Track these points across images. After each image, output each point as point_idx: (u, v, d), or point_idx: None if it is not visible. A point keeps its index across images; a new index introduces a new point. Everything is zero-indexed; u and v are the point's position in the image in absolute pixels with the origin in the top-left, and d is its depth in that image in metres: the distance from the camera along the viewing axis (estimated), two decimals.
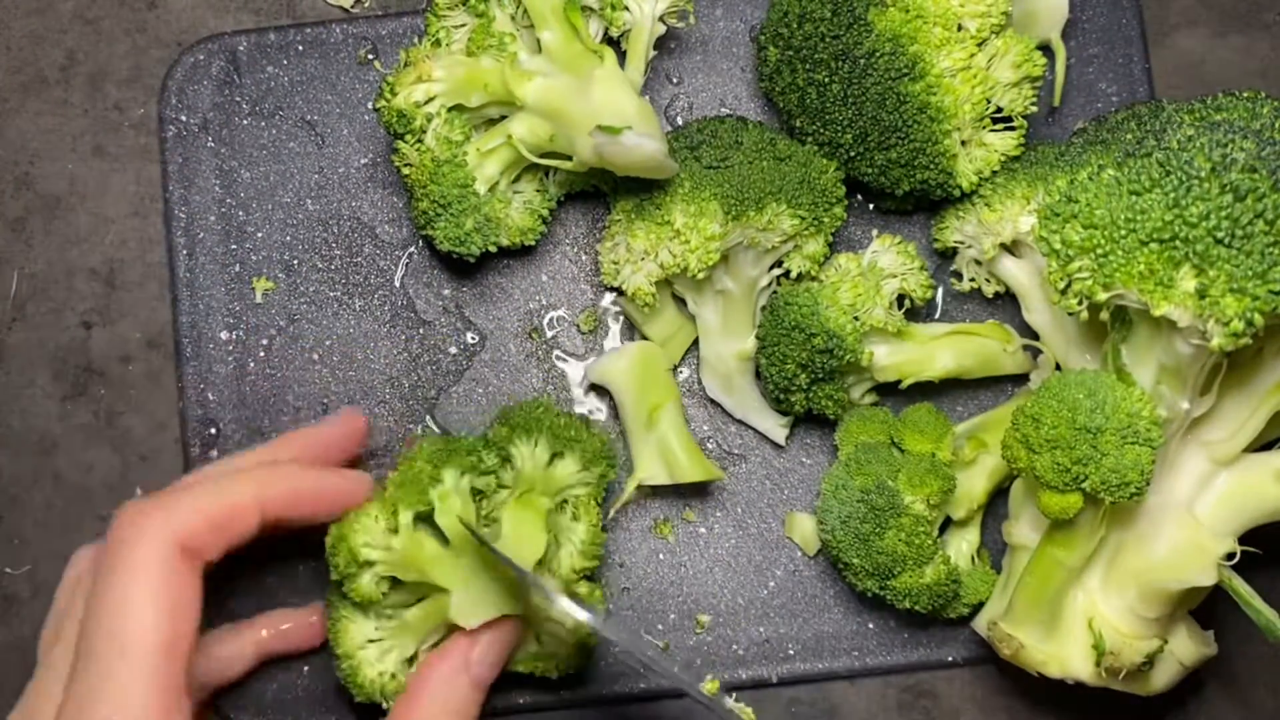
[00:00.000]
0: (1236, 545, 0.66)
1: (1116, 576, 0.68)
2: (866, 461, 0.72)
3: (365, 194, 0.79)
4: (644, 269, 0.73)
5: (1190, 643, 0.69)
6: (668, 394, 0.76)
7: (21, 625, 0.78)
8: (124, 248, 0.80)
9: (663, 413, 0.75)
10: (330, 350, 0.78)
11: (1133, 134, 0.69)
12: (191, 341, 0.78)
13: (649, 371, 0.76)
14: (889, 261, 0.74)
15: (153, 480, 0.78)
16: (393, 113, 0.72)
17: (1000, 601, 0.72)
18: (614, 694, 0.76)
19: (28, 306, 0.79)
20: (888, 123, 0.71)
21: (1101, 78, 0.80)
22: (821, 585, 0.77)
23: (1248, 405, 0.66)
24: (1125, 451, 0.62)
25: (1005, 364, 0.76)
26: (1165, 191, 0.59)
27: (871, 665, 0.77)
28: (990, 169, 0.73)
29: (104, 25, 0.81)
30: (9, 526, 0.78)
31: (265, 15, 0.81)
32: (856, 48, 0.70)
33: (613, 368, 0.76)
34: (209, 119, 0.79)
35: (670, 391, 0.76)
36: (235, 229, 0.79)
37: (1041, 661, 0.68)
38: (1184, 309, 0.58)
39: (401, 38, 0.80)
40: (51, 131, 0.80)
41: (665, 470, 0.75)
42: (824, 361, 0.71)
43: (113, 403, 0.79)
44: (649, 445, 0.75)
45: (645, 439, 0.75)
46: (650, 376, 0.76)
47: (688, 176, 0.72)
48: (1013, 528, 0.72)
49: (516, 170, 0.74)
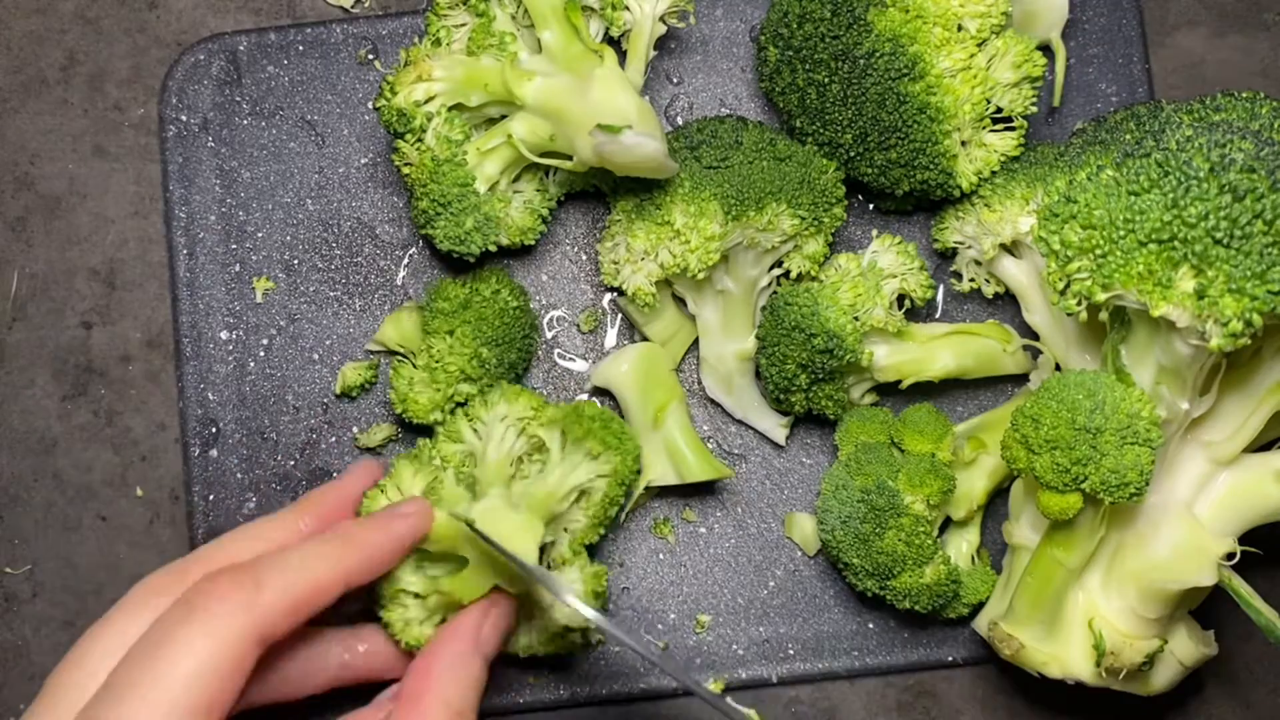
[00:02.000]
0: (1236, 545, 0.66)
1: (1117, 577, 0.68)
2: (866, 461, 0.72)
3: (365, 194, 0.79)
4: (644, 269, 0.73)
5: (1190, 643, 0.69)
6: (672, 394, 0.76)
7: (22, 625, 0.78)
8: (124, 248, 0.80)
9: (668, 413, 0.75)
10: (330, 350, 0.78)
11: (1132, 134, 0.69)
12: (192, 341, 0.78)
13: (652, 372, 0.76)
14: (889, 261, 0.74)
15: (153, 480, 0.78)
16: (393, 112, 0.72)
17: (1000, 602, 0.72)
18: (614, 694, 0.76)
19: (28, 306, 0.79)
20: (888, 123, 0.71)
21: (1101, 78, 0.80)
22: (821, 585, 0.77)
23: (1247, 405, 0.66)
24: (1125, 452, 0.62)
25: (1005, 364, 0.76)
26: (1164, 192, 0.59)
27: (871, 665, 0.77)
28: (990, 169, 0.73)
29: (104, 25, 0.81)
30: (9, 526, 0.78)
31: (265, 15, 0.81)
32: (856, 48, 0.70)
33: (616, 370, 0.76)
34: (209, 119, 0.79)
35: (674, 391, 0.76)
36: (235, 229, 0.79)
37: (1042, 662, 0.68)
38: (1183, 309, 0.58)
39: (402, 37, 0.80)
40: (51, 131, 0.80)
41: (674, 470, 0.75)
42: (824, 362, 0.71)
43: (113, 403, 0.79)
44: (656, 446, 0.75)
45: (651, 440, 0.75)
46: (654, 377, 0.76)
47: (688, 176, 0.72)
48: (1013, 528, 0.72)
49: (516, 170, 0.74)
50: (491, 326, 0.74)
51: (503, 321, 0.74)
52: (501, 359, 0.74)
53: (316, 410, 0.78)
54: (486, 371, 0.74)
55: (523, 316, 0.75)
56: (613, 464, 0.68)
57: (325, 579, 0.60)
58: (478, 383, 0.74)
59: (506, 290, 0.75)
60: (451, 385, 0.74)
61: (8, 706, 0.77)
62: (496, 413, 0.70)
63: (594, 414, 0.69)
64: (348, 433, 0.78)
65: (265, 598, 0.58)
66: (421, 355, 0.74)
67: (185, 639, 0.55)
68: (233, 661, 0.56)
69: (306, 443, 0.78)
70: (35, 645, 0.77)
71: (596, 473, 0.68)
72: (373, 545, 0.63)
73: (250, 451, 0.77)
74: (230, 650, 0.56)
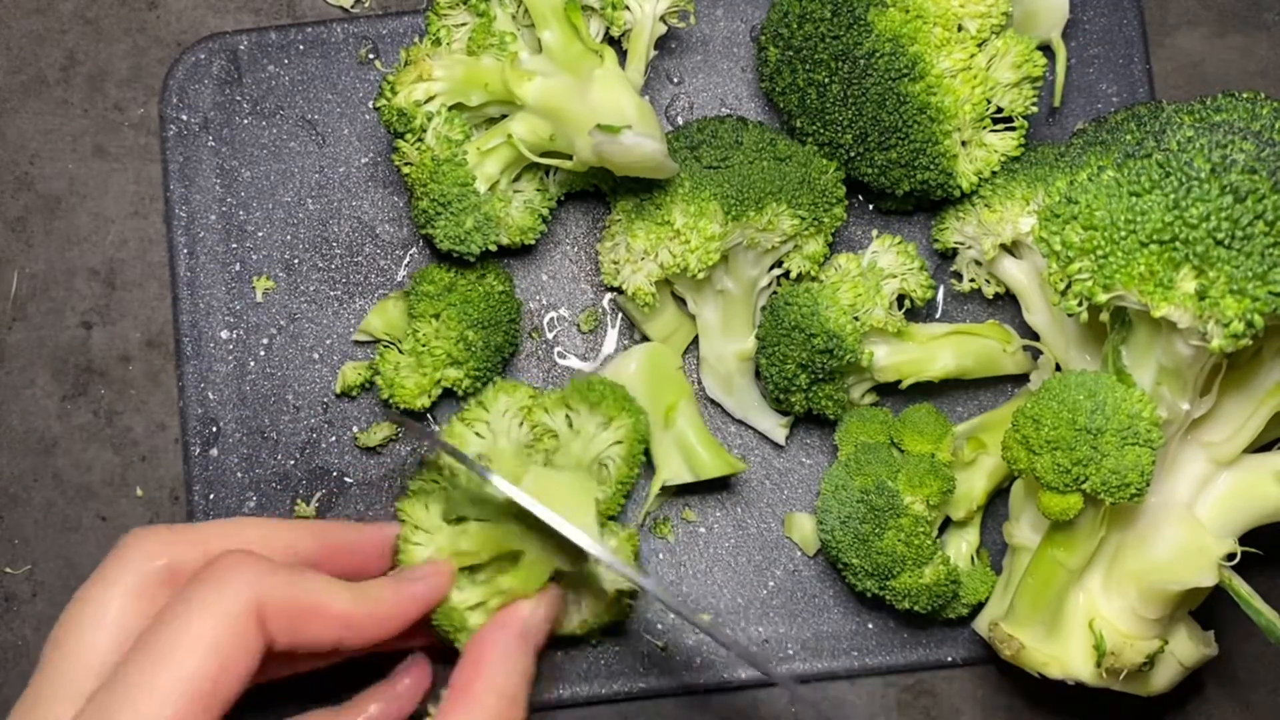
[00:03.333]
0: (1237, 546, 0.66)
1: (1117, 577, 0.68)
2: (866, 462, 0.72)
3: (366, 193, 0.79)
4: (644, 269, 0.73)
5: (1190, 643, 0.69)
6: (681, 391, 0.76)
7: (22, 625, 0.78)
8: (124, 248, 0.80)
9: (678, 412, 0.75)
10: (330, 349, 0.78)
11: (1132, 135, 0.69)
12: (192, 340, 0.78)
13: (659, 372, 0.76)
14: (889, 261, 0.74)
15: (153, 480, 0.78)
16: (393, 111, 0.72)
17: (1001, 602, 0.72)
18: (615, 694, 0.76)
19: (28, 306, 0.79)
20: (888, 123, 0.71)
21: (1102, 78, 0.80)
22: (821, 585, 0.77)
23: (1248, 406, 0.66)
24: (1125, 452, 0.62)
25: (1006, 364, 0.76)
26: (1165, 193, 0.59)
27: (871, 665, 0.77)
28: (990, 169, 0.73)
29: (104, 25, 0.81)
30: (9, 526, 0.78)
31: (265, 15, 0.81)
32: (857, 48, 0.70)
33: (623, 372, 0.75)
34: (210, 118, 0.79)
35: (683, 389, 0.76)
36: (236, 228, 0.79)
37: (1042, 662, 0.68)
38: (1184, 310, 0.58)
39: (402, 37, 0.80)
40: (51, 131, 0.80)
41: (688, 468, 0.75)
42: (824, 362, 0.71)
43: (113, 403, 0.79)
44: (668, 445, 0.75)
45: (663, 439, 0.75)
46: (661, 377, 0.76)
47: (688, 176, 0.72)
48: (1013, 528, 0.72)
49: (516, 169, 0.74)
50: (477, 309, 0.74)
51: (488, 304, 0.74)
52: (488, 342, 0.74)
53: (316, 410, 0.78)
54: (473, 355, 0.74)
55: (508, 300, 0.76)
56: (626, 426, 0.70)
57: (330, 604, 0.60)
58: (464, 366, 0.74)
59: (492, 274, 0.75)
60: (438, 369, 0.74)
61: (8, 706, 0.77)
62: (499, 407, 0.71)
63: (600, 382, 0.71)
64: (348, 432, 0.78)
65: (273, 579, 0.57)
66: (408, 340, 0.74)
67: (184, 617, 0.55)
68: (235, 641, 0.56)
69: (307, 442, 0.78)
70: (35, 645, 0.77)
71: (613, 439, 0.70)
72: (385, 601, 0.62)
73: (250, 451, 0.77)
74: (226, 620, 0.56)
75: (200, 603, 0.56)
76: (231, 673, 0.55)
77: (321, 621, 0.59)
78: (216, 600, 0.56)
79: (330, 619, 0.60)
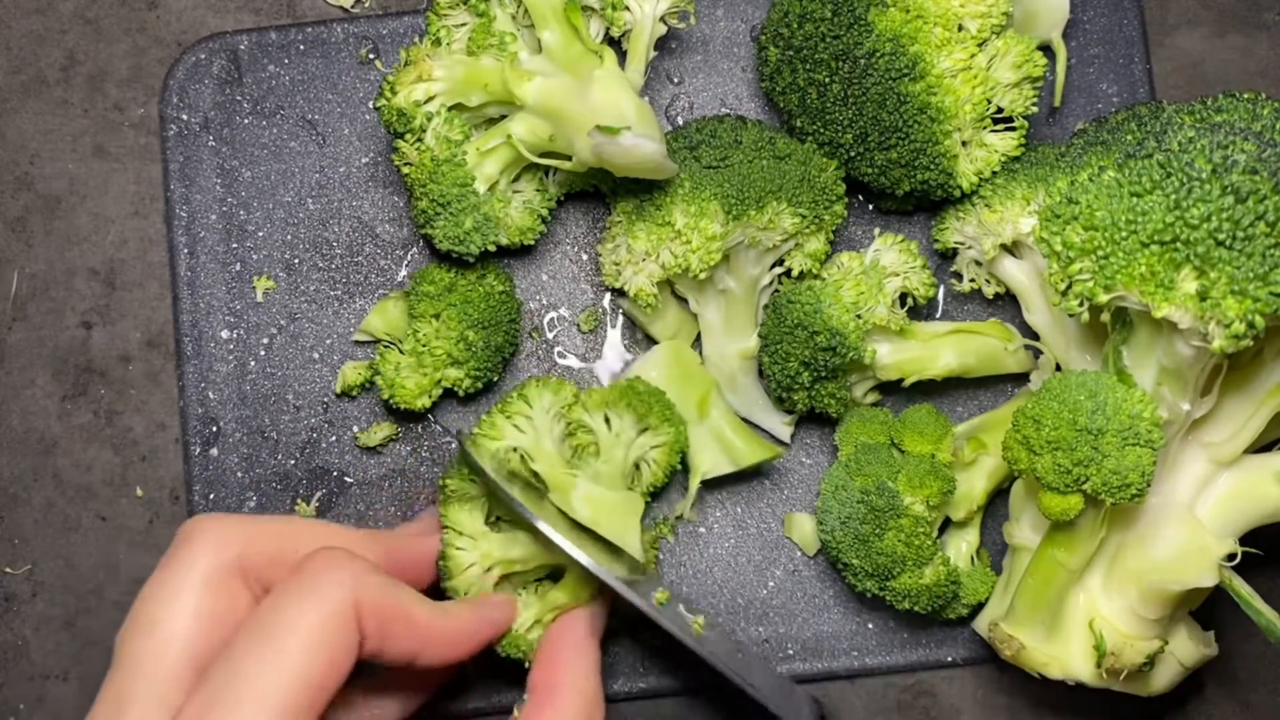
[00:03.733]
0: (1237, 546, 0.66)
1: (1117, 577, 0.68)
2: (866, 462, 0.72)
3: (366, 193, 0.79)
4: (645, 270, 0.73)
5: (1190, 643, 0.69)
6: (707, 383, 0.76)
7: (22, 625, 0.78)
8: (124, 248, 0.80)
9: (710, 403, 0.75)
10: (331, 349, 0.78)
11: (1133, 135, 0.69)
12: (192, 340, 0.78)
13: (683, 367, 0.76)
14: (891, 260, 0.74)
15: (153, 480, 0.78)
16: (393, 111, 0.72)
17: (1001, 602, 0.72)
18: (615, 694, 0.76)
19: (28, 306, 0.79)
20: (888, 123, 0.71)
21: (1102, 78, 0.80)
22: (821, 585, 0.77)
23: (1248, 406, 0.66)
24: (1126, 453, 0.62)
25: (1008, 362, 0.76)
26: (1166, 193, 0.59)
27: (871, 665, 0.77)
28: (990, 169, 0.73)
29: (104, 25, 0.81)
30: (9, 526, 0.78)
31: (266, 15, 0.81)
32: (857, 48, 0.70)
33: (649, 375, 0.75)
34: (210, 118, 0.79)
35: (708, 379, 0.76)
36: (236, 228, 0.79)
37: (1042, 663, 0.68)
38: (1185, 311, 0.58)
39: (402, 37, 0.80)
40: (51, 131, 0.80)
41: (726, 458, 0.75)
42: (827, 359, 0.71)
43: (113, 403, 0.79)
44: (704, 438, 0.75)
45: (697, 433, 0.75)
46: (686, 372, 0.76)
47: (688, 176, 0.72)
48: (1013, 529, 0.72)
49: (516, 170, 0.74)
50: (477, 309, 0.74)
51: (488, 304, 0.74)
52: (488, 342, 0.74)
53: (317, 409, 0.78)
54: (473, 355, 0.74)
55: (508, 300, 0.76)
56: (668, 435, 0.71)
57: (417, 614, 0.59)
58: (464, 366, 0.74)
59: (492, 274, 0.76)
60: (439, 369, 0.74)
61: (8, 706, 0.77)
62: (543, 404, 0.71)
63: (646, 389, 0.72)
64: (348, 432, 0.78)
65: (371, 580, 0.57)
66: (408, 340, 0.74)
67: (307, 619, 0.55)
68: (346, 636, 0.55)
69: (307, 442, 0.78)
70: (35, 645, 0.77)
71: (652, 444, 0.71)
72: (465, 619, 0.63)
73: (251, 451, 0.77)
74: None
75: (313, 594, 0.55)
76: (338, 668, 0.55)
77: (407, 630, 0.59)
78: (326, 594, 0.56)
79: (415, 628, 0.59)
